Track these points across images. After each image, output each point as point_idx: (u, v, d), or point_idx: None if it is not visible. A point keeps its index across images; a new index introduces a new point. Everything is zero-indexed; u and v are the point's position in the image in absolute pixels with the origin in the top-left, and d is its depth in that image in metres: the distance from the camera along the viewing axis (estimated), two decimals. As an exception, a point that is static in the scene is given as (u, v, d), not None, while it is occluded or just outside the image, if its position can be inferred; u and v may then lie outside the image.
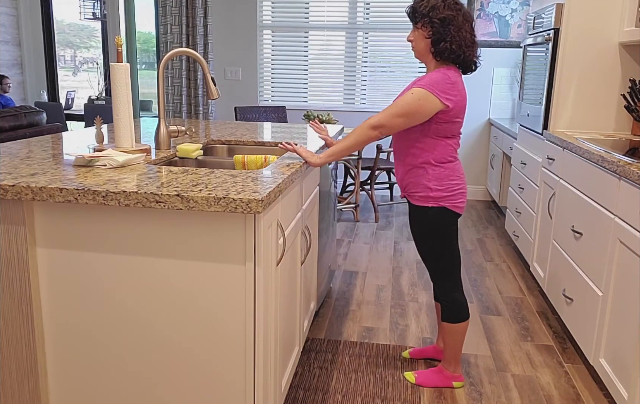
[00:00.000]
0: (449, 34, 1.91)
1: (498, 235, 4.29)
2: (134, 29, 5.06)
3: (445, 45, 1.92)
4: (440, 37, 1.92)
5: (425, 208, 2.05)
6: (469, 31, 1.94)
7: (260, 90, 5.71)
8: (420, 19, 1.95)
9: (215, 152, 2.53)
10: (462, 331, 2.16)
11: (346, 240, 4.10)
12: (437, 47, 1.94)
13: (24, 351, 1.59)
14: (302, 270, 2.09)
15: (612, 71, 2.99)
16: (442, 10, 1.91)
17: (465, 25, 1.93)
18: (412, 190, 2.08)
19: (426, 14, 1.93)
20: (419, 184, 2.05)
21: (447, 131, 1.99)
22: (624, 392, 1.92)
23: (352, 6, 5.37)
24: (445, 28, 1.91)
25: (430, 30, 1.93)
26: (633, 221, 1.92)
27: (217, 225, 1.44)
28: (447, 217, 2.05)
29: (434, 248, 2.09)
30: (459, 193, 2.05)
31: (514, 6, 5.08)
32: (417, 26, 1.97)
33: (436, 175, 2.02)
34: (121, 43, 1.93)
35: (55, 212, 1.50)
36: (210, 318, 1.51)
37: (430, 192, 2.03)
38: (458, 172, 2.05)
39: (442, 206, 2.03)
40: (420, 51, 1.99)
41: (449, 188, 2.03)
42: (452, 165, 2.04)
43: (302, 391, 2.17)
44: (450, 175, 2.03)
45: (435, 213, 2.04)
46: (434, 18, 1.91)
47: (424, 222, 2.07)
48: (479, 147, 5.42)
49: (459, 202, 2.05)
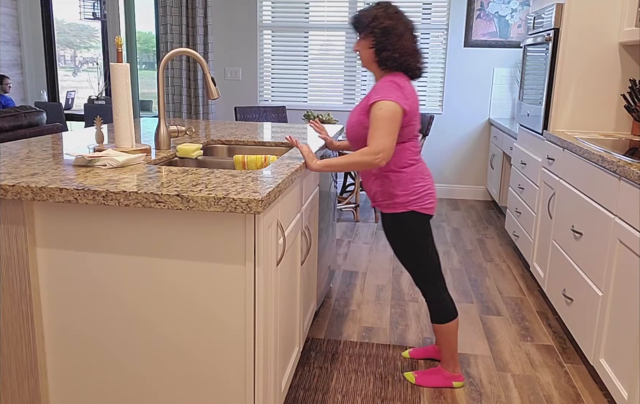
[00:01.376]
0: (390, 43, 1.95)
1: (498, 235, 4.29)
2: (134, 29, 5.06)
3: (387, 54, 1.96)
4: (382, 47, 1.96)
5: (394, 214, 2.08)
6: (410, 39, 1.98)
7: (260, 90, 5.71)
8: (363, 29, 1.99)
9: (215, 152, 2.53)
10: (452, 331, 2.17)
11: (346, 240, 4.10)
12: (379, 55, 1.98)
13: (24, 351, 1.59)
14: (302, 270, 2.09)
15: (612, 71, 2.99)
16: (383, 20, 1.95)
17: (406, 34, 1.97)
18: (380, 199, 2.11)
19: (368, 24, 1.97)
20: (385, 193, 2.08)
21: (403, 135, 2.01)
22: (624, 392, 1.92)
23: (352, 6, 5.37)
24: (387, 37, 1.95)
25: (373, 39, 1.97)
26: (633, 221, 1.92)
27: (217, 225, 1.44)
28: (418, 220, 2.07)
29: (410, 252, 2.11)
30: (426, 195, 2.07)
31: (514, 6, 5.08)
32: (361, 36, 2.02)
33: (399, 181, 2.05)
34: (121, 43, 1.93)
35: (55, 212, 1.50)
36: (210, 318, 1.51)
37: (397, 198, 2.06)
38: (422, 173, 2.08)
39: (411, 210, 2.06)
40: (366, 60, 2.04)
41: (414, 191, 2.05)
42: (414, 168, 2.06)
43: (302, 391, 2.17)
44: (413, 179, 2.05)
45: (405, 218, 2.07)
46: (376, 28, 1.95)
47: (395, 229, 2.10)
48: (479, 147, 5.42)
49: (427, 203, 2.07)
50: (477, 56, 5.23)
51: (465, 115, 5.37)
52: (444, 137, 5.44)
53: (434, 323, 2.18)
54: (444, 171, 5.52)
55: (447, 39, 5.25)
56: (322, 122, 4.24)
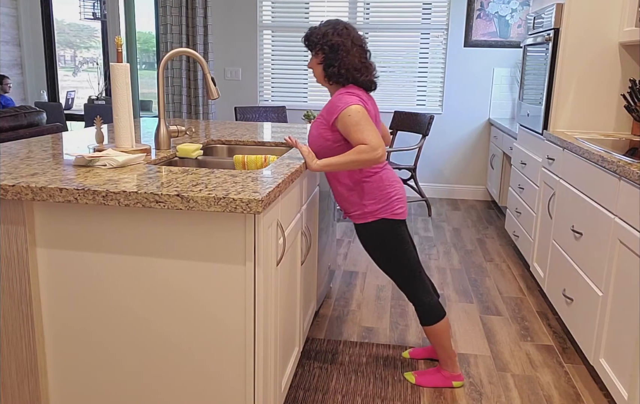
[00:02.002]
0: (337, 59, 2.00)
1: (498, 235, 4.29)
2: (134, 29, 5.06)
3: (333, 70, 2.01)
4: (330, 62, 2.01)
5: (366, 224, 2.09)
6: (358, 55, 2.02)
7: (260, 90, 5.71)
8: (313, 47, 2.04)
9: (215, 152, 2.53)
10: (443, 331, 2.17)
11: (346, 240, 4.11)
12: (327, 71, 2.03)
13: (24, 351, 1.59)
14: (302, 270, 2.09)
15: (612, 71, 2.99)
16: (332, 37, 2.00)
17: (353, 50, 2.01)
18: (351, 211, 2.13)
19: (317, 41, 2.02)
20: (354, 204, 2.10)
21: None
22: (624, 392, 1.92)
23: (352, 6, 5.37)
24: (335, 54, 2.00)
25: (322, 56, 2.03)
26: (633, 221, 1.92)
27: (217, 225, 1.44)
28: (390, 227, 2.08)
29: (387, 259, 2.12)
30: (395, 200, 2.07)
31: (514, 6, 5.08)
32: (313, 54, 2.07)
33: (366, 191, 2.06)
34: (121, 43, 1.93)
35: (55, 212, 1.50)
36: (210, 318, 1.51)
37: (365, 207, 2.07)
38: (388, 179, 2.08)
39: (381, 218, 2.07)
40: (318, 76, 2.09)
41: (382, 198, 2.06)
42: (379, 176, 2.07)
43: (302, 391, 2.17)
44: (380, 186, 2.06)
45: (377, 227, 2.08)
46: (324, 45, 2.01)
47: (369, 238, 2.11)
48: (479, 147, 5.42)
49: (397, 208, 2.08)
50: (477, 56, 5.23)
51: (465, 115, 5.37)
52: (444, 137, 5.44)
53: (423, 325, 2.19)
54: (444, 171, 5.52)
55: (447, 39, 5.25)
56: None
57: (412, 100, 5.45)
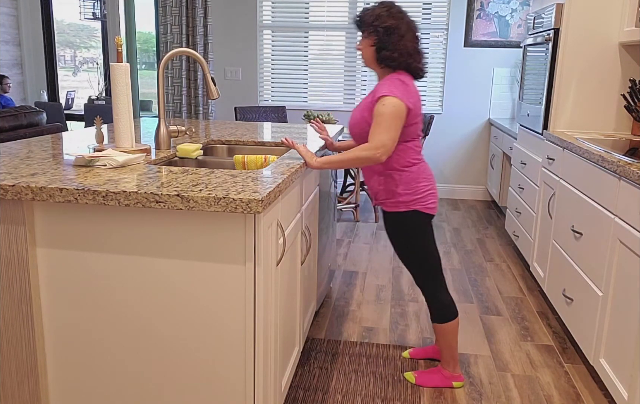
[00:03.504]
0: (391, 43, 1.96)
1: (498, 235, 4.29)
2: (134, 29, 5.06)
3: (387, 53, 1.97)
4: (383, 45, 1.97)
5: (397, 213, 2.08)
6: (412, 40, 1.99)
7: (260, 90, 5.71)
8: (366, 28, 2.00)
9: (215, 152, 2.53)
10: (452, 330, 2.17)
11: (346, 240, 4.10)
12: (379, 54, 1.99)
13: (24, 351, 1.59)
14: (302, 270, 2.09)
15: (612, 71, 2.99)
16: (386, 19, 1.96)
17: (408, 34, 1.98)
18: (383, 198, 2.11)
19: (371, 23, 1.98)
20: (388, 191, 2.08)
21: (406, 135, 2.02)
22: (624, 392, 1.92)
23: (352, 6, 5.37)
24: (389, 37, 1.96)
25: (375, 38, 1.98)
26: (633, 221, 1.92)
27: (217, 225, 1.44)
28: (420, 219, 2.07)
29: (412, 252, 2.11)
30: (429, 195, 2.07)
31: (514, 6, 5.08)
32: (364, 35, 2.02)
33: (403, 180, 2.05)
34: (121, 43, 1.93)
35: (55, 212, 1.50)
36: (210, 318, 1.51)
37: (400, 197, 2.06)
38: (424, 173, 2.08)
39: (414, 210, 2.06)
40: (368, 59, 2.05)
41: (417, 190, 2.05)
42: (417, 168, 2.07)
43: (302, 391, 2.17)
44: (417, 178, 2.06)
45: (408, 218, 2.07)
46: (379, 27, 1.96)
47: (398, 228, 2.10)
48: (479, 147, 5.42)
49: (429, 202, 2.08)
50: (477, 56, 5.23)
51: (465, 115, 5.37)
52: (444, 137, 5.44)
53: (434, 322, 2.18)
54: (444, 171, 5.52)
55: (447, 39, 5.25)
56: (322, 122, 4.24)
57: (412, 100, 5.44)
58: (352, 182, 5.19)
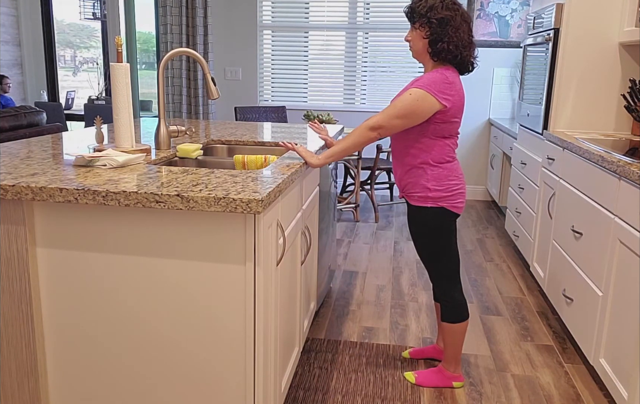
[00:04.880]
0: (446, 35, 1.91)
1: (498, 235, 4.29)
2: (134, 29, 5.06)
3: (442, 46, 1.92)
4: (438, 38, 1.92)
5: (424, 208, 2.06)
6: (467, 32, 1.94)
7: (260, 90, 5.70)
8: (419, 19, 1.95)
9: (215, 152, 2.53)
10: (462, 331, 2.17)
11: (346, 240, 4.10)
12: (434, 47, 1.94)
13: (24, 351, 1.59)
14: (302, 270, 2.09)
15: (612, 71, 2.99)
16: (441, 10, 1.90)
17: (463, 26, 1.93)
18: (411, 191, 2.08)
19: (424, 14, 1.92)
20: (417, 184, 2.05)
21: (444, 131, 1.99)
22: (624, 392, 1.92)
23: (352, 6, 5.36)
24: (443, 28, 1.91)
25: (428, 30, 1.93)
26: (633, 221, 1.92)
27: (217, 225, 1.44)
28: (446, 217, 2.05)
29: (433, 248, 2.10)
30: (458, 193, 2.05)
31: (514, 6, 5.08)
32: (415, 26, 1.97)
33: (435, 176, 2.02)
34: (121, 43, 1.93)
35: (55, 212, 1.50)
36: (210, 318, 1.51)
37: (429, 192, 2.03)
38: (457, 172, 2.06)
39: (441, 207, 2.04)
40: (418, 51, 2.00)
41: (448, 188, 2.03)
42: (450, 165, 2.04)
43: (302, 391, 2.17)
44: (449, 176, 2.03)
45: (434, 214, 2.05)
46: (432, 18, 1.91)
47: (422, 222, 2.08)
48: (479, 147, 5.42)
49: (458, 202, 2.06)
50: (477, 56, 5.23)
51: (465, 115, 5.36)
52: (444, 137, 5.43)
53: (445, 321, 2.17)
54: (444, 171, 5.51)
55: (447, 39, 5.24)
56: (322, 122, 4.24)
57: (412, 100, 5.44)
58: (352, 182, 5.19)
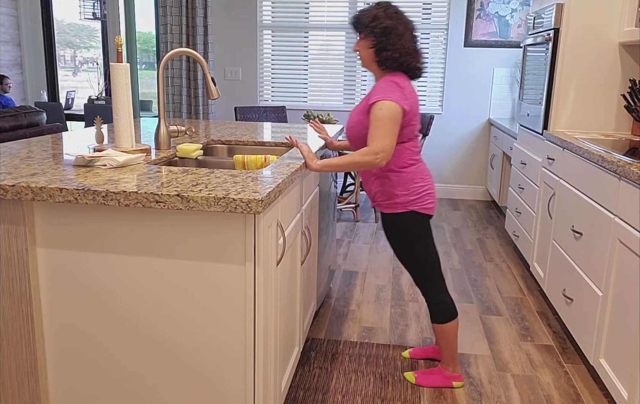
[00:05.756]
0: (390, 43, 1.95)
1: (498, 235, 4.29)
2: (134, 29, 5.06)
3: (387, 54, 1.96)
4: (382, 46, 1.96)
5: (394, 215, 2.09)
6: (410, 39, 1.98)
7: (260, 90, 5.70)
8: (363, 29, 1.99)
9: (215, 152, 2.53)
10: (452, 331, 2.17)
11: (346, 240, 4.10)
12: (379, 55, 1.98)
13: (24, 351, 1.59)
14: (302, 270, 2.09)
15: (612, 71, 2.99)
16: (384, 19, 1.95)
17: (406, 34, 1.97)
18: (380, 199, 2.12)
19: (368, 24, 1.97)
20: (385, 192, 2.09)
21: (404, 135, 2.01)
22: (624, 392, 1.92)
23: (352, 6, 5.37)
24: (387, 37, 1.95)
25: (373, 39, 1.98)
26: (633, 221, 1.92)
27: (217, 225, 1.44)
28: (418, 220, 2.08)
29: (410, 252, 2.12)
30: (426, 195, 2.08)
31: (514, 6, 5.08)
32: (361, 36, 2.02)
33: (400, 181, 2.05)
34: (121, 43, 1.93)
35: (55, 212, 1.50)
36: (210, 318, 1.51)
37: (397, 198, 2.06)
38: (422, 173, 2.08)
39: (411, 210, 2.06)
40: (366, 60, 2.04)
41: (415, 191, 2.06)
42: (414, 168, 2.07)
43: (302, 391, 2.17)
44: (413, 179, 2.06)
45: (405, 218, 2.07)
46: (376, 28, 1.95)
47: (395, 229, 2.11)
48: (479, 147, 5.42)
49: (427, 203, 2.08)
50: (477, 56, 5.23)
51: (465, 115, 5.37)
52: (444, 137, 5.44)
53: (434, 323, 2.19)
54: (444, 171, 5.52)
55: (447, 39, 5.25)
56: (322, 122, 4.24)
57: (412, 100, 5.45)
58: (352, 182, 5.19)
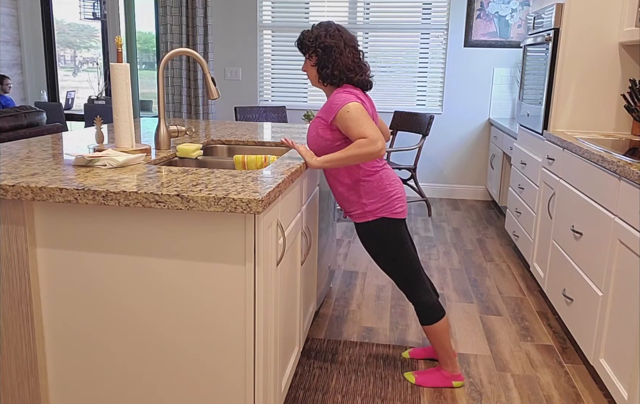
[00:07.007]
0: (331, 61, 2.02)
1: (498, 235, 4.29)
2: (134, 29, 5.06)
3: (327, 71, 2.03)
4: (324, 64, 2.03)
5: (366, 223, 2.10)
6: (351, 56, 2.04)
7: (260, 90, 5.71)
8: (307, 50, 2.07)
9: (215, 152, 2.53)
10: (442, 330, 2.17)
11: (346, 240, 4.10)
12: (321, 72, 2.05)
13: (24, 351, 1.59)
14: (302, 270, 2.09)
15: (612, 71, 2.99)
16: (324, 38, 2.02)
17: (346, 51, 2.03)
18: (350, 210, 2.14)
19: (310, 44, 2.05)
20: (354, 203, 2.10)
21: None
22: (624, 392, 1.92)
23: (352, 6, 5.37)
24: (329, 55, 2.02)
25: (316, 58, 2.05)
26: (633, 221, 1.92)
27: (217, 225, 1.44)
28: (390, 226, 2.09)
29: (388, 258, 2.12)
30: (395, 199, 2.08)
31: (514, 6, 5.08)
32: (307, 57, 2.09)
33: (366, 190, 2.07)
34: (121, 43, 1.93)
35: (55, 212, 1.50)
36: (210, 318, 1.51)
37: (366, 207, 2.08)
38: (388, 179, 2.09)
39: (381, 217, 2.07)
40: (313, 79, 2.11)
41: (382, 197, 2.07)
42: (379, 175, 2.08)
43: (302, 391, 2.17)
44: (379, 185, 2.07)
45: (377, 226, 2.08)
46: (318, 47, 2.03)
47: (370, 237, 2.12)
48: (479, 147, 5.42)
49: (397, 207, 2.09)
50: (477, 56, 5.23)
51: (465, 115, 5.37)
52: (444, 137, 5.44)
53: (423, 325, 2.19)
54: (444, 171, 5.52)
55: (447, 39, 5.25)
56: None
57: (412, 100, 5.45)
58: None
